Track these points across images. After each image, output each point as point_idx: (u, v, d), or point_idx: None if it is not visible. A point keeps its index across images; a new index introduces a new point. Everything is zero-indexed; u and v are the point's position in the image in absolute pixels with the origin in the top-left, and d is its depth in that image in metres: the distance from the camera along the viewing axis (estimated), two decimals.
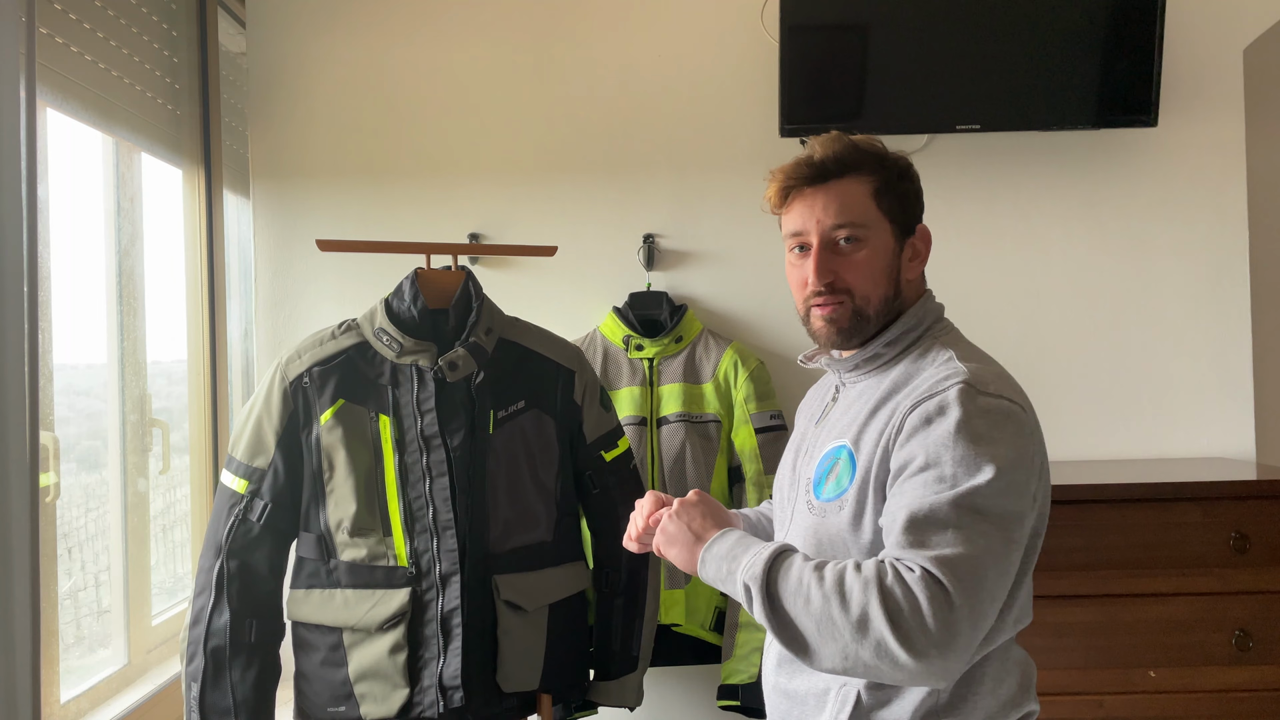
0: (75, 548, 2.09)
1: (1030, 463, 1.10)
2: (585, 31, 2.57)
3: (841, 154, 1.21)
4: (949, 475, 1.05)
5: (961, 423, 1.06)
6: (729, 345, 2.40)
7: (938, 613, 0.98)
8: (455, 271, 1.82)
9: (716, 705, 2.34)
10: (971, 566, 1.01)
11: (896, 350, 1.22)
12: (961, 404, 1.08)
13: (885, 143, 1.29)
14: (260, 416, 1.72)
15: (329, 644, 1.70)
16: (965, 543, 1.02)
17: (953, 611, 0.98)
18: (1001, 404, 1.09)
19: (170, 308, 2.50)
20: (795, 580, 1.05)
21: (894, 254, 1.23)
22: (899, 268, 1.23)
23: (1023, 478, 1.08)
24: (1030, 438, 1.12)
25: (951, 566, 1.00)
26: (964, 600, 0.99)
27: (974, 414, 1.07)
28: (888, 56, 2.41)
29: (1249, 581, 2.08)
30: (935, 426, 1.08)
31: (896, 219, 1.23)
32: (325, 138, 2.58)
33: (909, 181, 1.25)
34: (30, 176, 1.54)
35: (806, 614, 1.03)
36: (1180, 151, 2.53)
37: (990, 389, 1.10)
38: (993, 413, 1.08)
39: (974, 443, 1.06)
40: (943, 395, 1.09)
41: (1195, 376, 2.54)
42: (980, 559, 1.01)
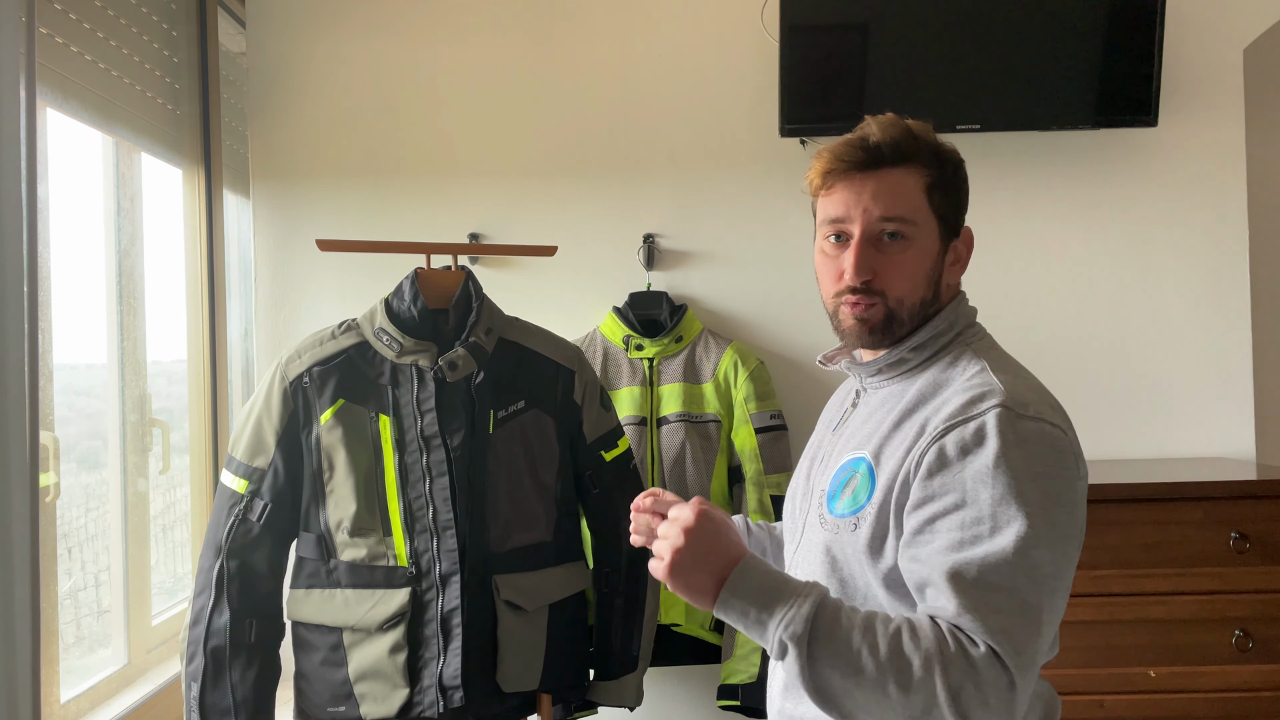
0: (75, 548, 2.09)
1: (1075, 493, 1.01)
2: (585, 31, 2.57)
3: (900, 140, 1.10)
4: (988, 518, 0.96)
5: (1000, 455, 0.97)
6: (729, 345, 2.40)
7: (1000, 696, 0.93)
8: (455, 271, 1.82)
9: (716, 705, 2.34)
10: (1028, 637, 0.94)
11: (924, 356, 1.12)
12: (1000, 433, 0.97)
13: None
14: (260, 416, 1.72)
15: (329, 644, 1.70)
16: (1023, 609, 0.94)
17: (1013, 692, 0.93)
18: (1043, 429, 0.99)
19: (170, 308, 2.50)
20: (844, 644, 0.94)
21: (938, 256, 1.13)
22: (941, 271, 1.13)
23: (1067, 515, 0.99)
24: (1075, 465, 1.02)
25: (1012, 642, 0.93)
26: (1022, 677, 0.94)
27: (1013, 444, 0.97)
28: (888, 56, 2.41)
29: (1249, 581, 2.08)
30: (973, 460, 0.98)
31: (946, 219, 1.13)
32: (325, 138, 2.58)
33: (961, 179, 1.14)
34: (30, 176, 1.54)
35: (857, 685, 0.94)
36: (1180, 151, 2.53)
37: (1030, 411, 1.00)
38: (1033, 442, 0.98)
39: (1016, 480, 0.96)
40: (980, 421, 0.99)
41: (1195, 376, 2.54)
42: (1036, 624, 0.95)
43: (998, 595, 0.94)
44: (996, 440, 0.97)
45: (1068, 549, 1.00)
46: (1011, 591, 0.94)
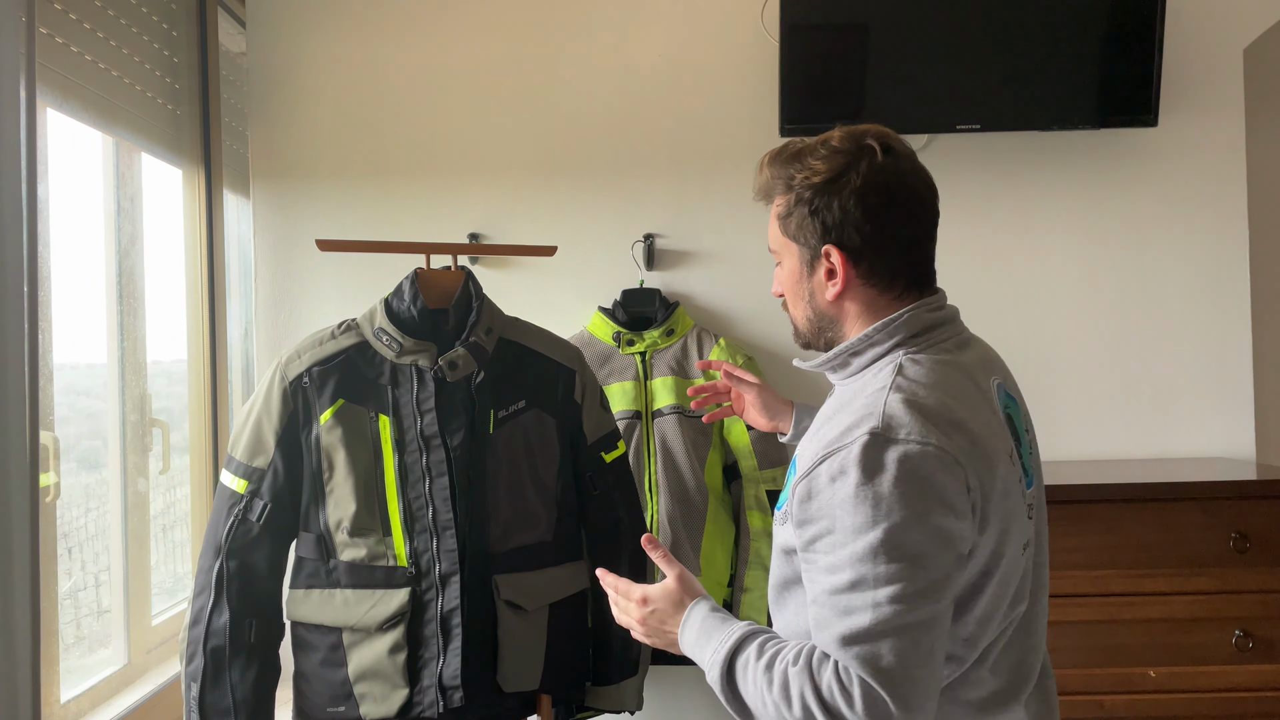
0: (75, 548, 2.09)
1: (948, 509, 1.02)
2: (585, 31, 2.57)
3: (762, 184, 1.24)
4: (852, 547, 1.01)
5: (860, 484, 1.01)
6: (718, 341, 2.41)
7: (875, 717, 0.99)
8: (455, 271, 1.82)
9: (720, 702, 2.34)
10: (900, 662, 0.99)
11: (862, 361, 1.17)
12: (861, 462, 1.02)
13: None
14: (260, 416, 1.72)
15: (329, 644, 1.70)
16: (892, 636, 1.00)
17: (890, 714, 0.99)
18: (909, 451, 1.01)
19: (170, 308, 2.50)
20: (752, 683, 1.08)
21: (801, 277, 1.19)
22: (809, 291, 1.19)
23: (933, 532, 1.01)
24: (948, 484, 1.03)
25: (882, 672, 0.99)
26: (900, 700, 0.99)
27: (873, 471, 1.01)
28: (888, 56, 2.41)
29: (1249, 581, 2.08)
30: (838, 487, 1.03)
31: (796, 239, 1.18)
32: (325, 138, 2.58)
33: (822, 196, 1.14)
34: (30, 176, 1.54)
35: (765, 715, 1.07)
36: (1180, 151, 2.53)
37: (900, 434, 1.02)
38: (895, 465, 1.01)
39: (874, 506, 1.01)
40: (846, 452, 1.03)
41: (1195, 376, 2.54)
42: (906, 648, 1.00)
43: (866, 627, 1.00)
44: (857, 470, 1.02)
45: (939, 563, 1.02)
46: (880, 622, 0.99)
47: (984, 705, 1.12)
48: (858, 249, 1.14)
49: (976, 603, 1.08)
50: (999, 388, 1.18)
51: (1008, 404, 1.19)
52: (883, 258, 1.16)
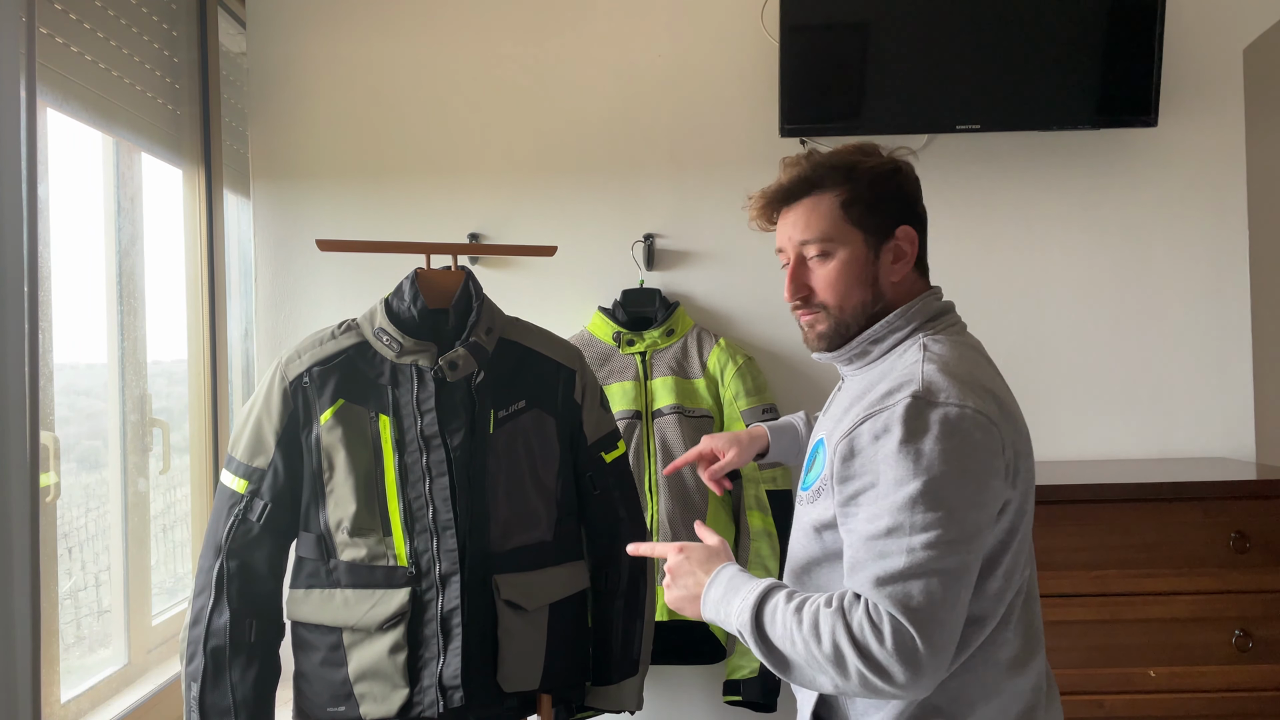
0: (75, 548, 2.09)
1: (984, 469, 1.11)
2: (585, 31, 2.57)
3: (805, 174, 1.26)
4: (892, 498, 1.09)
5: (903, 441, 1.10)
6: (718, 341, 2.41)
7: (907, 657, 1.05)
8: (455, 271, 1.82)
9: (722, 700, 2.35)
10: (929, 605, 1.06)
11: (884, 348, 1.25)
12: (905, 421, 1.10)
13: (886, 143, 1.32)
14: (260, 416, 1.72)
15: (329, 644, 1.70)
16: (924, 579, 1.07)
17: (919, 654, 1.06)
18: (949, 412, 1.10)
19: (170, 308, 2.50)
20: (781, 624, 1.13)
21: (867, 261, 1.25)
22: (876, 273, 1.26)
23: (972, 489, 1.10)
24: (984, 443, 1.12)
25: (914, 611, 1.06)
26: (928, 640, 1.06)
27: (917, 431, 1.10)
28: (888, 56, 2.41)
29: (1249, 581, 2.08)
30: (881, 445, 1.12)
31: (868, 227, 1.25)
32: (325, 138, 2.58)
33: (884, 186, 1.25)
34: (30, 176, 1.54)
35: (794, 654, 1.12)
36: (1180, 151, 2.53)
37: (941, 397, 1.12)
38: (937, 424, 1.10)
39: (915, 461, 1.09)
40: (890, 412, 1.12)
41: (1195, 376, 2.54)
42: (937, 592, 1.07)
43: (900, 569, 1.07)
44: (900, 427, 1.10)
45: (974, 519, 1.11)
46: (913, 566, 1.07)
47: (1011, 664, 1.20)
48: (920, 231, 1.28)
49: (1004, 558, 1.17)
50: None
51: None
52: (924, 242, 1.30)
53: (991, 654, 1.19)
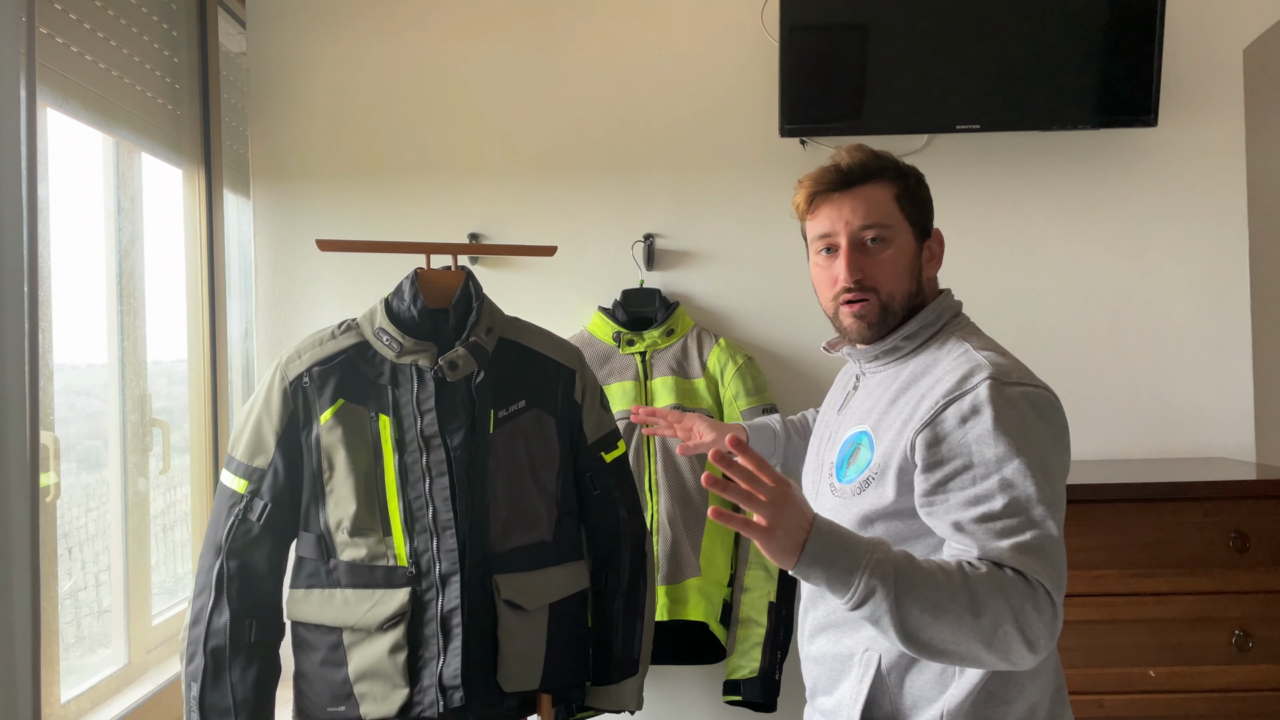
0: (75, 548, 2.09)
1: (1065, 441, 1.21)
2: (585, 31, 2.57)
3: (866, 161, 1.30)
4: (997, 474, 1.13)
5: (996, 420, 1.14)
6: (718, 341, 2.41)
7: (1048, 618, 1.10)
8: (455, 271, 1.82)
9: (722, 700, 2.35)
10: (1058, 565, 1.12)
11: (915, 344, 1.30)
12: (993, 401, 1.15)
13: (886, 143, 1.41)
14: (260, 416, 1.72)
15: (329, 644, 1.70)
16: (1047, 543, 1.12)
17: (1056, 616, 1.11)
18: (1026, 392, 1.17)
19: (170, 308, 2.50)
20: (924, 584, 1.05)
21: (915, 254, 1.32)
22: (920, 267, 1.33)
23: (1062, 459, 1.19)
24: (1061, 419, 1.21)
25: (1049, 574, 1.10)
26: (1060, 602, 1.12)
27: (1005, 409, 1.15)
28: (888, 56, 2.41)
29: (1249, 581, 2.08)
30: (971, 426, 1.15)
31: (916, 222, 1.32)
32: (325, 138, 2.58)
33: (924, 189, 1.35)
34: (30, 176, 1.54)
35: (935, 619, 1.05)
36: (1180, 151, 2.53)
37: (1013, 378, 1.18)
38: (1021, 402, 1.16)
39: (1012, 437, 1.14)
40: (974, 393, 1.16)
41: (1195, 376, 2.54)
42: (1059, 552, 1.13)
43: (1025, 537, 1.10)
44: (990, 408, 1.15)
45: (1061, 490, 1.19)
46: (1036, 533, 1.11)
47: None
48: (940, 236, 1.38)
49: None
50: None
51: None
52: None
53: None
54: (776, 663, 2.28)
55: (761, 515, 1.06)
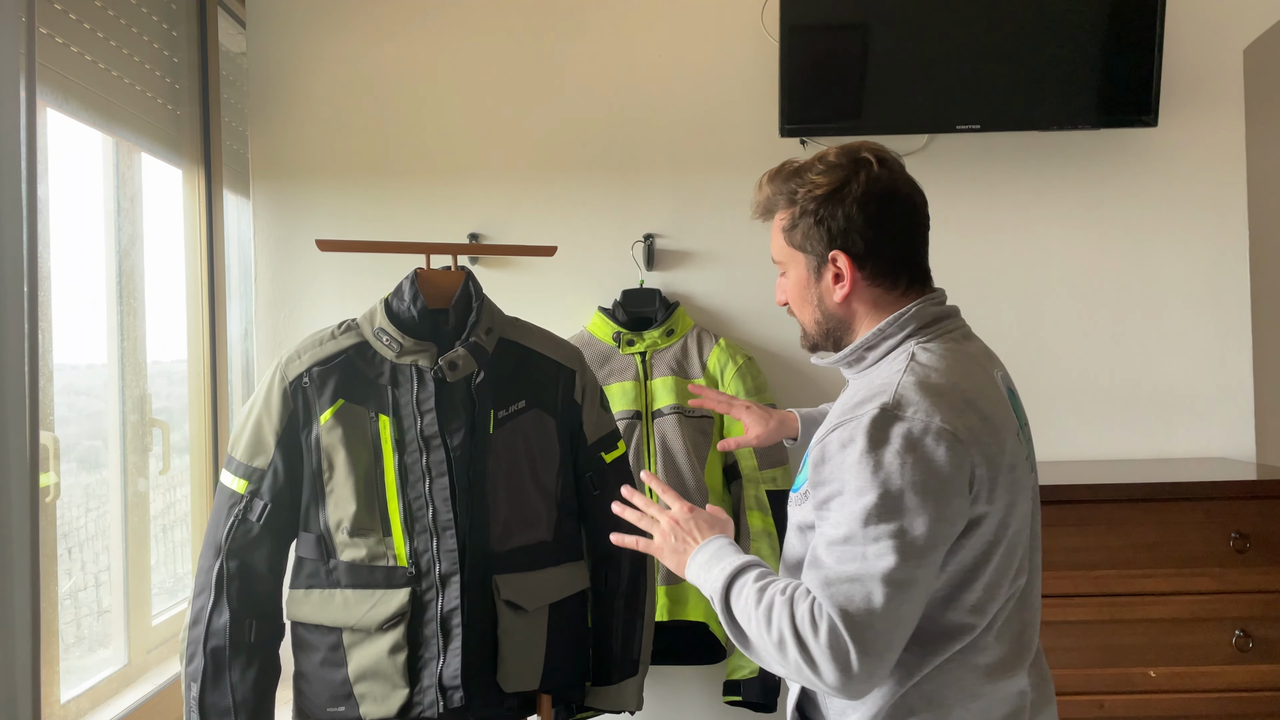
0: (75, 548, 2.09)
1: (941, 485, 1.11)
2: (585, 31, 2.57)
3: (763, 201, 1.31)
4: (852, 506, 1.12)
5: (865, 452, 1.11)
6: (718, 342, 2.41)
7: (835, 654, 1.09)
8: (455, 271, 1.82)
9: (722, 700, 2.35)
10: (867, 614, 1.09)
11: (878, 354, 1.26)
12: (869, 433, 1.12)
13: (885, 142, 1.31)
14: (260, 416, 1.72)
15: (329, 644, 1.70)
16: (863, 580, 1.10)
17: (853, 659, 1.09)
18: (913, 428, 1.11)
19: (170, 308, 2.50)
20: (743, 601, 1.19)
21: (809, 283, 1.29)
22: (820, 294, 1.28)
23: (927, 505, 1.10)
24: (945, 460, 1.11)
25: (851, 618, 1.09)
26: (862, 648, 1.09)
27: (879, 443, 1.11)
28: (888, 56, 2.41)
29: (1249, 581, 2.08)
30: (847, 453, 1.14)
31: (807, 249, 1.27)
32: (325, 138, 2.58)
33: (822, 209, 1.24)
34: (30, 176, 1.54)
35: (750, 632, 1.18)
36: (1180, 151, 2.53)
37: (908, 411, 1.12)
38: (898, 440, 1.11)
39: (874, 473, 1.11)
40: (857, 422, 1.14)
41: (1195, 376, 2.54)
42: (877, 603, 1.09)
43: (847, 574, 1.11)
44: (863, 439, 1.12)
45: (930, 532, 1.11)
46: (860, 573, 1.11)
47: (991, 670, 1.20)
48: (861, 253, 1.24)
49: (984, 571, 1.17)
50: (1001, 378, 1.28)
51: (1009, 395, 1.28)
52: (884, 259, 1.25)
53: (970, 659, 1.19)
54: None
55: (654, 538, 1.33)
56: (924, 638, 1.18)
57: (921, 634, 1.17)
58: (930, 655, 1.18)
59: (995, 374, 1.26)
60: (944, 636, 1.18)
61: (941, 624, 1.18)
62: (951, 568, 1.16)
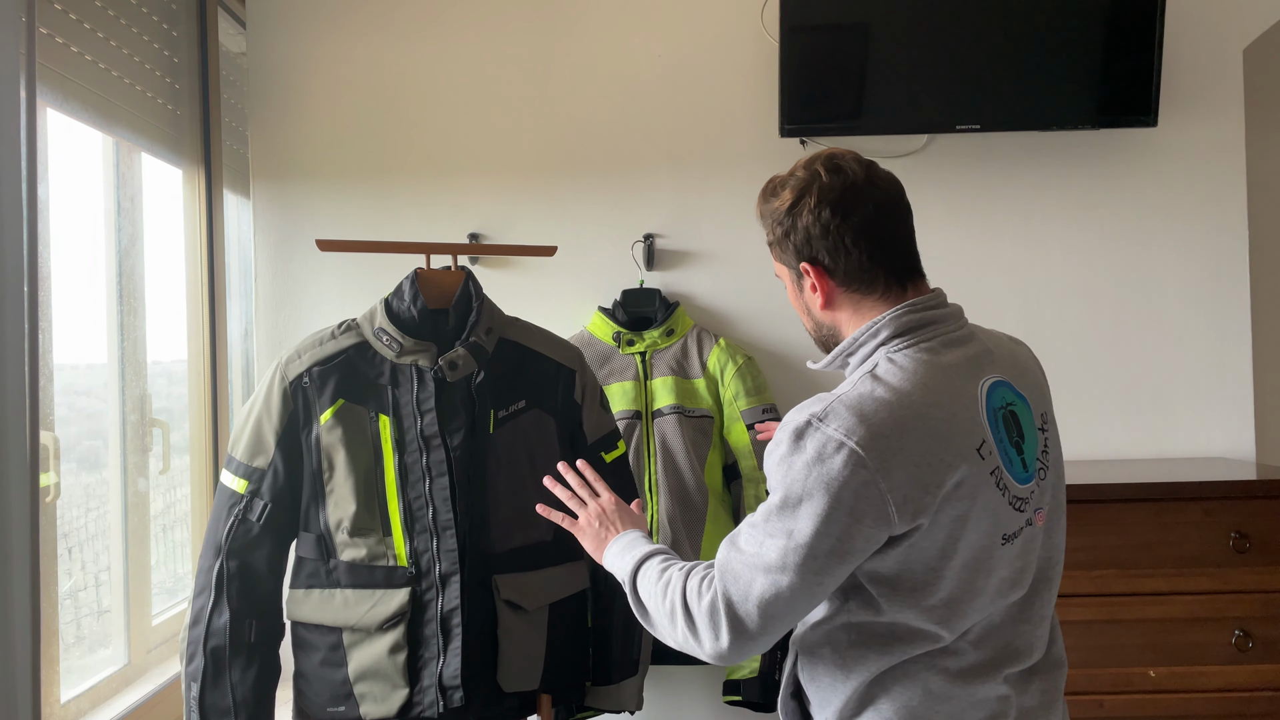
0: (75, 548, 2.09)
1: (839, 505, 1.12)
2: (585, 31, 2.57)
3: (760, 219, 1.36)
4: (766, 501, 1.19)
5: (784, 455, 1.17)
6: (717, 342, 2.41)
7: (713, 621, 1.18)
8: (455, 271, 1.82)
9: (722, 700, 2.35)
10: (746, 588, 1.17)
11: (857, 359, 1.28)
12: (790, 438, 1.16)
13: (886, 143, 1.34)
14: (260, 416, 1.72)
15: (329, 644, 1.70)
16: (750, 567, 1.17)
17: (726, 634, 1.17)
18: (827, 444, 1.13)
19: (170, 308, 2.50)
20: (646, 580, 1.29)
21: (797, 294, 1.35)
22: (807, 304, 1.33)
23: (819, 519, 1.13)
24: (848, 481, 1.12)
25: (732, 602, 1.17)
26: (732, 617, 1.17)
27: (794, 450, 1.16)
28: (888, 56, 2.41)
29: (1249, 581, 2.08)
30: (774, 453, 1.19)
31: (785, 262, 1.33)
32: (325, 138, 2.58)
33: (784, 225, 1.29)
34: (30, 176, 1.54)
35: (651, 606, 1.27)
36: (1180, 151, 2.53)
37: (831, 427, 1.14)
38: (810, 450, 1.14)
39: (783, 476, 1.16)
40: (785, 428, 1.18)
41: (1195, 376, 2.54)
42: (756, 584, 1.16)
43: (740, 558, 1.18)
44: (786, 443, 1.17)
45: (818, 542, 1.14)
46: (750, 559, 1.18)
47: (962, 674, 1.21)
48: (827, 264, 1.27)
49: (937, 585, 1.17)
50: (992, 385, 1.23)
51: (1012, 401, 1.24)
52: (852, 266, 1.26)
53: (938, 661, 1.20)
54: (776, 662, 2.28)
55: (579, 517, 1.45)
56: (880, 638, 1.21)
57: (875, 634, 1.21)
58: (888, 654, 1.20)
59: (980, 384, 1.21)
60: (903, 639, 1.20)
61: (897, 628, 1.19)
62: (884, 575, 1.18)
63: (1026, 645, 1.26)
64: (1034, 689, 1.27)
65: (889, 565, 1.17)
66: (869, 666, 1.21)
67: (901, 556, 1.16)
